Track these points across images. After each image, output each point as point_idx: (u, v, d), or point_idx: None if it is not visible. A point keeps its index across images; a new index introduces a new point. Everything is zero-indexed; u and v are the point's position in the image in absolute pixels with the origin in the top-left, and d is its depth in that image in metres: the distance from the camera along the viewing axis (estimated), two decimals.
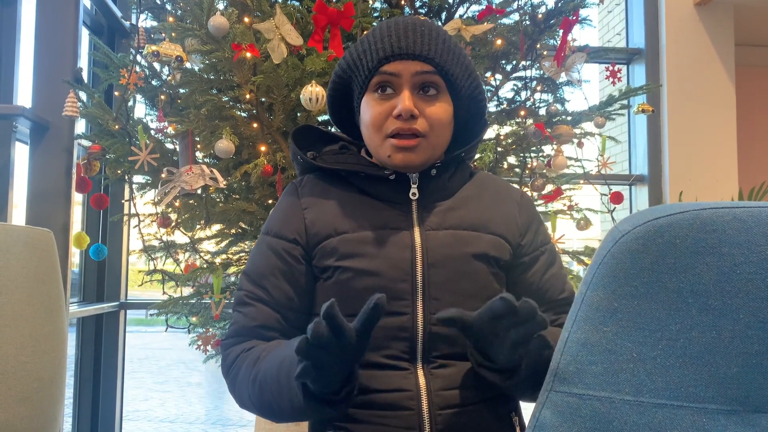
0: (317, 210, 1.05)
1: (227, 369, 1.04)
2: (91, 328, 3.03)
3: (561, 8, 2.09)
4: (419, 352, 0.98)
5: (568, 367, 0.63)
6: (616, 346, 0.60)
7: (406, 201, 1.05)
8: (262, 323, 1.03)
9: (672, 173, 3.45)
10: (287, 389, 0.87)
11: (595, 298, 0.62)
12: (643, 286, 0.59)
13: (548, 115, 2.13)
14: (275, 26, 1.65)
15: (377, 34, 1.03)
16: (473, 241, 1.02)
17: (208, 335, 2.14)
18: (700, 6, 3.52)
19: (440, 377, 0.97)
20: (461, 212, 1.05)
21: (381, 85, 1.02)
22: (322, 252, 1.02)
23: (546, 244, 1.12)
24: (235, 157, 1.86)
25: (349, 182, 1.08)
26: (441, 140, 1.05)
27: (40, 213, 2.29)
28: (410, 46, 1.00)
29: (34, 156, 2.32)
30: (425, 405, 0.95)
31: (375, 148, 1.05)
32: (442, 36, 1.03)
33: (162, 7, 2.18)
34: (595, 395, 0.60)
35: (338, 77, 1.09)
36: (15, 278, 1.24)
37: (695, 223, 0.58)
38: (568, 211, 2.35)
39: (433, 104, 1.02)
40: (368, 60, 1.02)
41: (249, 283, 1.06)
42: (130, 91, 1.98)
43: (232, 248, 2.37)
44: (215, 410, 6.02)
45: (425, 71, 1.00)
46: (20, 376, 1.22)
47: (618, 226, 0.63)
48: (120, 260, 3.09)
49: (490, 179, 1.14)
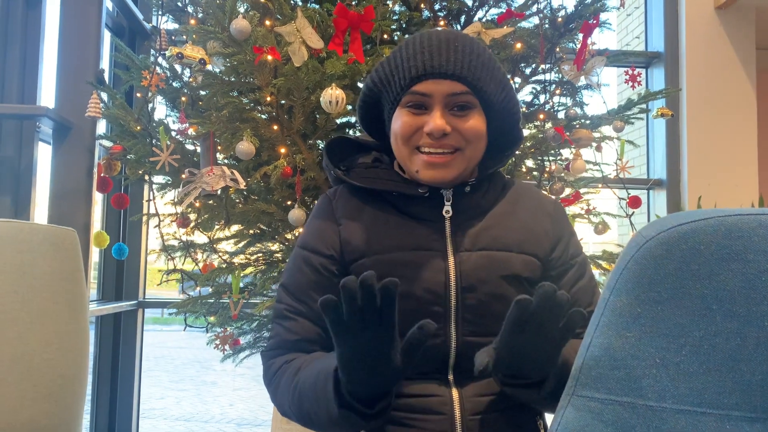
0: (352, 227, 1.05)
1: (269, 379, 1.05)
2: (110, 326, 3.07)
3: (581, 12, 2.09)
4: (451, 366, 1.00)
5: (590, 372, 0.63)
6: (639, 352, 0.60)
7: (439, 218, 1.04)
8: (304, 337, 1.04)
9: (691, 178, 3.43)
10: (324, 400, 0.88)
11: (618, 304, 0.62)
12: (666, 291, 0.60)
13: (567, 119, 2.13)
14: (296, 29, 1.66)
15: (410, 50, 1.01)
16: (505, 263, 1.02)
17: (226, 335, 2.16)
18: (721, 9, 3.49)
19: (472, 387, 1.00)
20: (494, 232, 1.04)
21: (413, 103, 1.01)
22: (357, 270, 1.02)
23: (577, 256, 1.10)
24: (255, 158, 1.88)
25: (382, 196, 1.07)
26: (476, 153, 1.04)
27: (61, 212, 2.32)
28: (443, 64, 0.98)
29: (56, 156, 2.36)
30: (458, 411, 0.97)
31: (404, 159, 1.04)
32: (476, 51, 1.01)
33: (183, 10, 2.20)
34: (617, 400, 0.60)
35: (369, 90, 1.08)
36: (40, 276, 1.26)
37: (720, 229, 0.59)
38: (585, 214, 2.34)
39: (466, 120, 1.00)
40: (400, 78, 1.01)
41: (289, 297, 1.06)
42: (151, 93, 2.00)
43: (250, 248, 2.39)
44: (230, 409, 6.05)
45: (457, 92, 0.99)
46: (45, 373, 1.24)
47: (642, 231, 0.63)
48: (138, 259, 3.12)
49: (524, 192, 1.13)
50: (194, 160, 2.00)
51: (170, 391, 6.87)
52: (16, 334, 1.19)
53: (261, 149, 1.89)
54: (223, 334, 2.15)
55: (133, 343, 3.11)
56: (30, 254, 1.24)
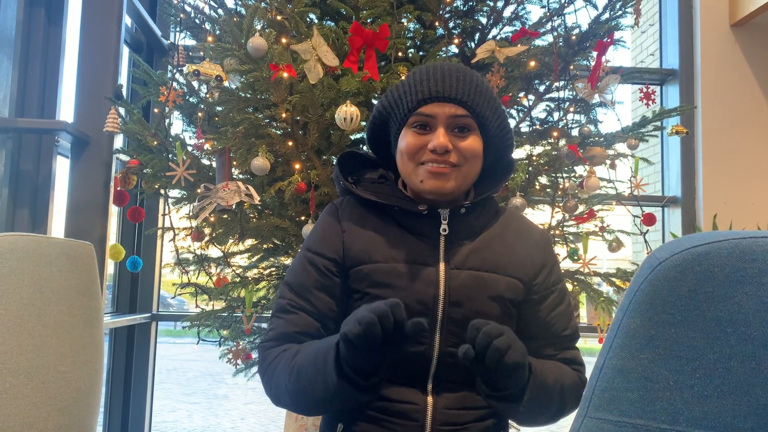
0: (354, 235, 1.15)
1: (264, 368, 1.12)
2: (123, 338, 3.08)
3: (595, 30, 2.10)
4: (431, 375, 1.10)
5: (603, 393, 0.63)
6: (653, 374, 0.60)
7: (435, 236, 1.13)
8: (303, 330, 1.11)
9: (706, 196, 3.40)
10: (323, 373, 0.97)
11: (632, 326, 0.62)
12: (680, 314, 0.59)
13: (581, 136, 2.13)
14: (312, 47, 1.68)
15: (417, 78, 1.13)
16: (491, 284, 1.12)
17: (239, 349, 2.17)
18: (737, 27, 3.48)
19: (446, 398, 1.09)
20: (484, 253, 1.14)
21: (419, 123, 1.12)
22: (356, 275, 1.12)
23: (558, 283, 1.20)
24: (270, 174, 1.90)
25: (384, 210, 1.17)
26: (473, 171, 1.14)
27: (78, 225, 2.35)
28: (447, 90, 1.10)
29: (74, 169, 2.39)
30: (429, 419, 1.08)
31: (408, 174, 1.14)
32: (475, 81, 1.13)
33: (200, 27, 2.23)
34: (630, 422, 0.60)
35: (378, 113, 1.19)
36: (57, 290, 1.27)
37: (734, 252, 0.58)
38: (600, 232, 2.33)
39: (465, 140, 1.11)
40: (408, 101, 1.12)
41: (292, 293, 1.14)
42: (168, 108, 2.03)
43: (263, 263, 2.40)
44: (242, 423, 6.04)
45: (459, 115, 1.10)
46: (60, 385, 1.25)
47: (655, 253, 0.63)
48: (153, 272, 3.14)
49: (514, 219, 1.24)
50: (210, 175, 2.02)
51: (182, 404, 6.88)
52: (32, 346, 1.21)
53: (276, 165, 1.91)
54: (236, 348, 2.16)
55: (146, 356, 3.13)
56: (47, 268, 1.26)
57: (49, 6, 2.48)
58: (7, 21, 2.32)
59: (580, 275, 2.24)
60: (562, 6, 2.11)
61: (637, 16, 2.09)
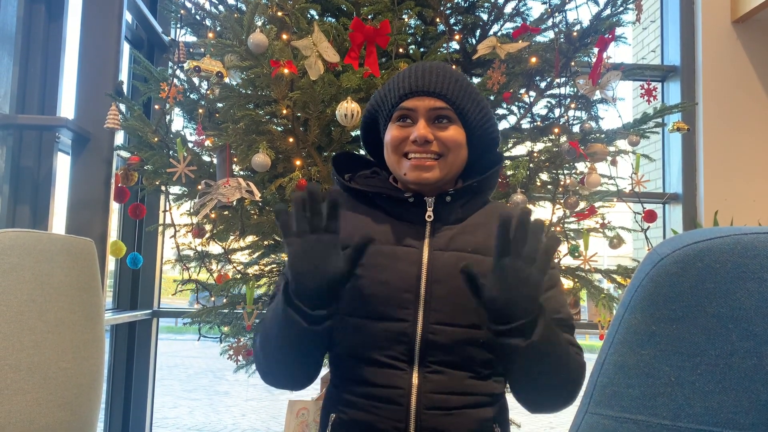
0: (347, 220, 1.19)
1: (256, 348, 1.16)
2: (124, 335, 3.09)
3: (596, 26, 2.09)
4: (416, 356, 1.10)
5: (604, 389, 0.63)
6: (654, 370, 0.60)
7: (421, 222, 1.18)
8: None
9: (707, 192, 3.40)
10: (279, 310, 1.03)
11: (633, 321, 0.62)
12: (681, 310, 0.59)
13: (582, 133, 2.12)
14: (313, 43, 1.68)
15: (400, 77, 1.21)
16: (475, 264, 1.11)
17: (240, 345, 2.17)
18: (738, 23, 3.47)
19: (432, 381, 1.09)
20: (467, 237, 1.17)
21: (401, 117, 1.19)
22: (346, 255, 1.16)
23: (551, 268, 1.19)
24: (271, 170, 1.89)
25: (375, 202, 1.22)
26: (457, 160, 1.19)
27: (79, 221, 2.35)
28: (426, 85, 1.17)
29: (75, 166, 2.39)
30: (413, 404, 1.07)
31: (393, 165, 1.20)
32: (454, 77, 1.20)
33: (201, 23, 2.23)
34: (632, 418, 0.60)
35: (368, 112, 1.27)
36: (58, 286, 1.27)
37: (736, 248, 0.58)
38: (600, 229, 2.33)
39: (446, 130, 1.17)
40: (391, 97, 1.19)
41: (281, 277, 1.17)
42: (169, 105, 2.03)
43: (264, 259, 2.40)
44: (243, 419, 6.05)
45: (438, 107, 1.17)
46: (61, 381, 1.25)
47: (656, 249, 0.63)
48: (153, 269, 3.15)
49: (500, 207, 1.27)
50: (210, 172, 2.02)
51: (183, 400, 6.89)
52: (33, 342, 1.21)
53: (276, 161, 1.90)
54: (237, 345, 2.16)
55: (147, 352, 3.13)
56: (48, 264, 1.26)
57: (49, 2, 2.48)
58: (8, 17, 2.32)
59: (581, 272, 2.24)
60: (564, 2, 2.11)
61: (638, 12, 2.09)
